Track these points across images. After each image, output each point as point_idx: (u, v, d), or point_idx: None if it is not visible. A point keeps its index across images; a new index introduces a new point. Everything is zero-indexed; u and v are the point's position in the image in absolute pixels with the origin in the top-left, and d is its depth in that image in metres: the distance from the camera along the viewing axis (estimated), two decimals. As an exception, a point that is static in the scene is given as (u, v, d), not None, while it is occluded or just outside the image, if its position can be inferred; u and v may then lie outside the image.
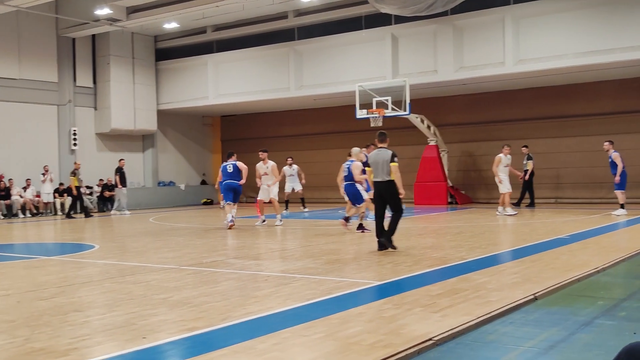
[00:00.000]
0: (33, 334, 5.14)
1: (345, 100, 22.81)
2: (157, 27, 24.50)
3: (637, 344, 2.24)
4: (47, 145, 23.78)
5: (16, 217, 21.57)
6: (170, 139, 28.11)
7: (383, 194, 10.03)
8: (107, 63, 24.95)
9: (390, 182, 9.91)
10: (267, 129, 28.20)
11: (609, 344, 4.62)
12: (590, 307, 5.85)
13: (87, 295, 6.89)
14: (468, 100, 23.59)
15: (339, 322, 5.30)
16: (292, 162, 20.31)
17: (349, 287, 6.99)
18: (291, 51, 23.40)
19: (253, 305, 6.07)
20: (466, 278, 7.40)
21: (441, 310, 5.66)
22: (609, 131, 20.99)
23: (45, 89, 23.76)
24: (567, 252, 9.52)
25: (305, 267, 8.52)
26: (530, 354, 4.43)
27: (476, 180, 23.53)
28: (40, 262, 10.05)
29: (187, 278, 7.86)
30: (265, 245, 11.65)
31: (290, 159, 20.42)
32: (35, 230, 17.15)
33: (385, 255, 9.53)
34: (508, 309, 5.71)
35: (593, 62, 18.18)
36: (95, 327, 5.37)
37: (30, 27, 23.15)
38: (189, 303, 6.24)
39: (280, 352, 4.47)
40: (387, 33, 21.36)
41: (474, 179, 23.73)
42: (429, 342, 4.63)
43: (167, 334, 5.08)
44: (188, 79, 26.01)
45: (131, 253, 10.95)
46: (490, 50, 19.63)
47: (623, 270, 7.96)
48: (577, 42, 18.29)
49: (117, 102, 25.08)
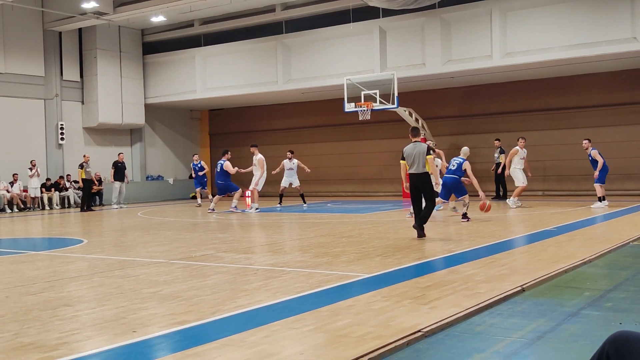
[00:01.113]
0: (22, 328, 5.13)
1: (334, 94, 22.82)
2: (144, 20, 24.36)
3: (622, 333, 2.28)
4: (34, 139, 23.63)
5: (3, 212, 21.45)
6: (158, 133, 28.00)
7: (418, 185, 10.62)
8: (94, 57, 24.80)
9: (425, 174, 10.58)
10: (255, 122, 28.16)
11: (596, 334, 4.67)
12: (576, 298, 5.91)
13: (76, 290, 6.88)
14: (456, 93, 23.66)
15: (328, 315, 5.33)
16: (292, 156, 20.02)
17: (338, 280, 7.02)
18: (279, 45, 23.35)
19: (243, 299, 6.09)
20: (455, 270, 7.45)
21: (430, 302, 5.70)
22: (596, 124, 21.17)
23: (32, 83, 23.59)
24: (554, 244, 9.60)
25: (294, 261, 8.54)
26: (518, 345, 4.48)
27: (464, 173, 23.60)
28: (29, 257, 10.01)
29: (176, 272, 7.86)
30: (255, 238, 11.66)
31: (290, 153, 20.15)
32: (23, 225, 17.06)
33: (374, 248, 9.58)
34: (496, 300, 5.75)
35: (580, 55, 18.27)
36: (85, 321, 5.37)
37: (15, 21, 22.95)
38: (178, 297, 6.25)
39: (270, 345, 4.49)
40: (375, 26, 21.36)
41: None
42: (417, 334, 4.66)
43: (157, 327, 5.09)
44: (176, 72, 25.90)
45: (120, 247, 10.92)
46: (478, 43, 19.68)
47: (609, 261, 8.04)
48: (563, 35, 18.37)
49: (105, 96, 24.95)
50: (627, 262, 8.00)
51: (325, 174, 25.87)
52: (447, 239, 10.79)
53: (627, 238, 9.80)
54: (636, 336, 2.25)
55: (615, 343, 2.25)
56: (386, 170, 24.30)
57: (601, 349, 2.29)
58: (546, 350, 4.37)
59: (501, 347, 4.42)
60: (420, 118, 22.48)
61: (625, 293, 6.14)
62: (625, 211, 15.12)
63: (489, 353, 4.30)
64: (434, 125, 23.09)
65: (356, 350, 4.26)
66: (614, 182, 21.01)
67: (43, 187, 22.74)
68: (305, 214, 17.14)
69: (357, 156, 25.48)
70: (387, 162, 24.10)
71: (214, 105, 28.51)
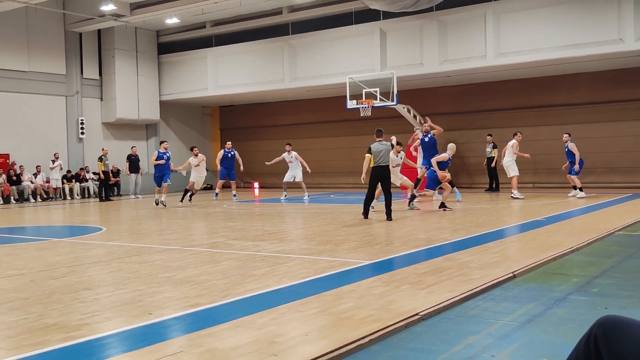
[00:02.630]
0: (46, 310, 5.15)
1: (337, 92, 22.77)
2: (159, 22, 24.32)
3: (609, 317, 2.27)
4: (56, 134, 23.66)
5: (27, 201, 21.51)
6: (172, 128, 28.00)
7: (381, 177, 12.11)
8: (112, 56, 24.79)
9: (386, 167, 12.05)
10: (263, 118, 28.14)
11: (583, 318, 4.67)
12: (565, 284, 5.90)
13: (96, 275, 6.90)
14: (452, 92, 23.59)
15: (332, 299, 5.33)
16: (290, 149, 19.38)
17: (341, 266, 7.02)
18: (286, 45, 23.30)
19: (252, 283, 6.10)
20: (450, 257, 7.45)
21: (427, 287, 5.70)
22: (583, 120, 21.10)
23: (54, 81, 23.60)
24: (544, 233, 9.59)
25: (299, 248, 8.55)
26: (510, 327, 4.48)
27: (459, 167, 23.51)
28: (51, 243, 10.04)
29: (189, 258, 7.88)
30: (262, 227, 11.67)
31: (289, 146, 19.60)
32: (46, 214, 17.10)
33: (374, 236, 9.58)
34: (489, 286, 5.76)
35: (569, 55, 18.19)
36: (105, 304, 5.38)
37: (38, 23, 22.94)
38: (191, 281, 6.26)
39: (277, 327, 4.50)
40: (376, 28, 21.29)
41: (457, 165, 23.63)
42: (415, 317, 4.67)
43: (172, 310, 5.10)
44: (188, 71, 25.88)
45: (136, 235, 10.95)
46: (473, 44, 19.61)
47: (595, 250, 8.03)
48: (554, 37, 18.29)
49: (122, 93, 24.96)
50: (613, 251, 7.99)
51: (328, 167, 25.85)
52: (442, 228, 10.78)
53: (612, 228, 9.78)
54: (622, 320, 2.24)
55: (603, 326, 2.24)
56: (386, 164, 24.27)
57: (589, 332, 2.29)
58: (536, 333, 4.37)
59: (494, 330, 4.42)
60: (418, 114, 22.43)
61: (611, 279, 6.14)
62: (611, 202, 15.08)
63: (482, 335, 4.30)
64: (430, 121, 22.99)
65: (358, 332, 4.26)
66: (600, 175, 20.98)
67: (64, 179, 22.80)
68: (310, 205, 17.14)
69: (358, 150, 25.30)
70: (386, 156, 24.04)
71: (224, 102, 28.48)
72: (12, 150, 22.18)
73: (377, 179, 12.08)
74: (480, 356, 3.87)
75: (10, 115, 22.22)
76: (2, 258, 8.34)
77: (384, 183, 12.12)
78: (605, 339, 2.21)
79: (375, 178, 12.08)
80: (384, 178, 12.08)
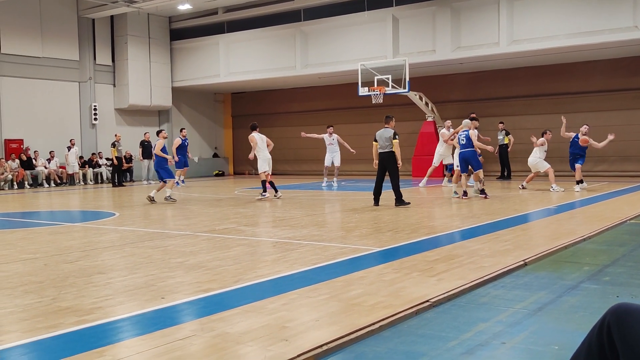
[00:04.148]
0: (60, 294, 5.20)
1: (348, 78, 22.68)
2: (171, 8, 24.29)
3: (622, 304, 2.26)
4: (69, 120, 23.80)
5: (41, 186, 21.68)
6: (184, 114, 28.06)
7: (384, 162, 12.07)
8: (125, 42, 24.84)
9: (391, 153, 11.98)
10: (274, 105, 28.12)
11: (594, 306, 4.65)
12: (576, 272, 5.87)
13: (109, 259, 6.95)
14: (465, 79, 23.43)
15: (342, 285, 5.34)
16: (332, 131, 18.20)
17: (352, 252, 7.03)
18: (297, 32, 23.21)
19: (263, 269, 6.12)
20: (461, 245, 7.43)
21: (437, 274, 5.69)
22: (597, 108, 20.91)
23: (67, 67, 23.69)
24: (555, 221, 9.54)
25: (310, 234, 8.56)
26: (520, 315, 4.46)
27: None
28: (65, 228, 10.12)
29: (201, 244, 7.91)
30: (273, 214, 11.70)
31: (331, 128, 18.41)
32: (59, 199, 17.22)
33: (385, 223, 9.57)
34: (500, 273, 5.74)
35: (584, 42, 18.00)
36: (117, 288, 5.42)
37: (52, 9, 23.00)
38: (203, 266, 6.29)
39: (288, 312, 4.51)
40: (389, 14, 21.15)
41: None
42: (426, 304, 4.67)
43: (184, 294, 5.13)
44: (201, 57, 25.88)
45: (149, 220, 11.00)
46: (486, 31, 19.45)
47: (607, 238, 7.98)
48: (568, 24, 18.09)
49: (135, 80, 25.02)
50: (625, 239, 7.93)
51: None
52: (453, 215, 10.75)
53: (625, 216, 9.71)
54: (635, 308, 2.23)
55: (616, 314, 2.23)
56: (397, 151, 24.19)
57: (602, 320, 2.28)
58: (547, 321, 4.36)
59: (504, 317, 4.41)
60: (430, 102, 22.32)
61: (623, 268, 6.10)
62: (624, 191, 14.97)
63: (492, 322, 4.29)
64: (442, 108, 22.92)
65: (368, 318, 4.27)
66: (613, 164, 20.83)
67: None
68: (321, 192, 17.14)
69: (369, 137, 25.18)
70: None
71: (236, 89, 28.48)
72: (26, 135, 22.33)
73: (381, 165, 12.19)
74: (490, 343, 3.87)
75: (24, 101, 22.35)
76: (17, 242, 8.42)
77: (387, 169, 12.12)
78: (618, 327, 2.20)
79: (379, 164, 12.21)
80: (386, 164, 12.07)
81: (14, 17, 21.88)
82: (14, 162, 21.11)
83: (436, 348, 3.78)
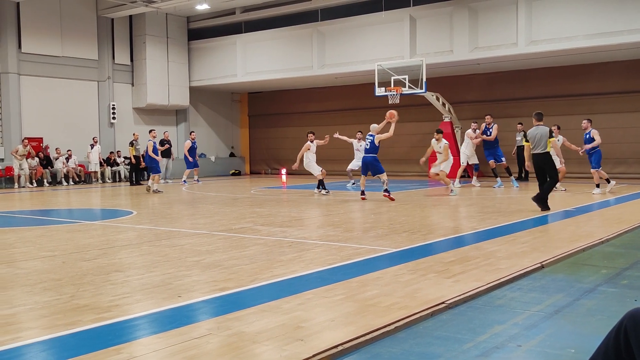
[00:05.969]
0: (78, 291, 5.25)
1: (365, 79, 22.64)
2: (189, 8, 24.40)
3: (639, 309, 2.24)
4: (88, 118, 24.00)
5: (60, 184, 21.90)
6: (202, 113, 28.20)
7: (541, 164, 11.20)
8: (143, 42, 25.01)
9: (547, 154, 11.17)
10: (291, 105, 28.17)
11: (611, 310, 4.61)
12: (594, 275, 5.82)
13: (126, 257, 7.01)
14: (482, 79, 23.30)
15: (358, 286, 5.34)
16: (361, 137, 18.10)
17: (367, 253, 7.02)
18: (314, 32, 23.23)
19: (279, 269, 6.14)
20: (477, 247, 7.40)
21: (453, 276, 5.67)
22: (614, 110, 20.68)
23: (86, 66, 23.90)
24: (573, 223, 9.46)
25: (326, 235, 8.56)
26: (537, 318, 4.44)
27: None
28: (83, 226, 10.21)
29: (218, 243, 7.95)
30: (289, 213, 11.72)
31: (360, 133, 18.44)
32: (78, 197, 17.38)
33: (401, 224, 9.55)
34: (516, 275, 5.70)
35: (602, 43, 17.81)
36: (135, 286, 5.47)
37: (71, 9, 23.22)
38: (220, 265, 6.32)
39: (303, 312, 4.52)
40: (406, 14, 21.09)
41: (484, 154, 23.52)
42: (441, 305, 4.66)
43: (200, 293, 5.16)
44: (218, 57, 25.99)
45: (166, 219, 11.07)
46: (504, 31, 19.31)
47: (625, 241, 7.90)
48: (586, 24, 17.91)
49: (153, 79, 25.19)
50: (643, 242, 7.85)
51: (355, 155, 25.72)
52: (470, 217, 10.70)
53: (643, 219, 9.60)
54: (653, 313, 2.21)
55: (634, 318, 2.21)
56: (414, 152, 24.06)
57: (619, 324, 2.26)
58: (563, 324, 4.33)
59: (521, 320, 4.39)
60: (447, 102, 22.23)
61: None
62: None
63: (509, 325, 4.27)
64: (459, 109, 22.82)
65: (383, 319, 4.27)
66: (631, 166, 20.59)
67: (99, 162, 23.16)
68: (337, 192, 17.14)
69: (386, 138, 25.27)
70: (414, 144, 23.91)
71: (253, 89, 28.56)
72: (45, 134, 22.57)
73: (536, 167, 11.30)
74: (506, 345, 3.85)
75: (44, 100, 22.59)
76: (36, 240, 8.51)
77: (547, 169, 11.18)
78: (636, 331, 2.18)
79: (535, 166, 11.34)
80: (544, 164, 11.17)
81: (34, 16, 22.12)
82: (34, 160, 21.34)
83: (452, 350, 3.77)
